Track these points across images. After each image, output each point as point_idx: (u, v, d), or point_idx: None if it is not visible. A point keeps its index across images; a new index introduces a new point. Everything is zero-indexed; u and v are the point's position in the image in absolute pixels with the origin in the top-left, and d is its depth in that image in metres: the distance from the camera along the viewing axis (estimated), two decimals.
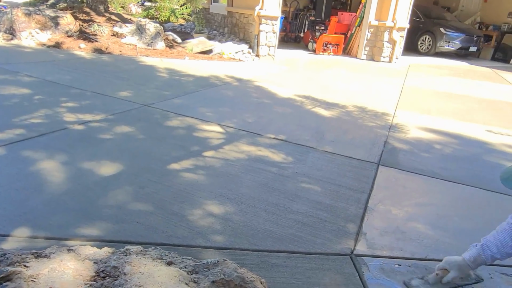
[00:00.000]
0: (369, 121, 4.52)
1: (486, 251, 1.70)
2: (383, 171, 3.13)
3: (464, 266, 1.76)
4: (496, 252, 1.67)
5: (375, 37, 9.78)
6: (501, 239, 1.67)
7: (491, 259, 1.71)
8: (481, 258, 1.72)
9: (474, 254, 1.74)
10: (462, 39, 11.43)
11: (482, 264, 1.75)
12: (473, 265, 1.75)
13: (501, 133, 4.55)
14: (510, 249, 1.64)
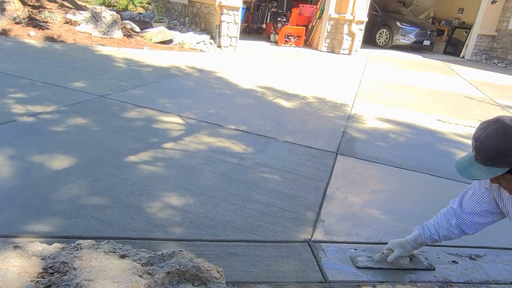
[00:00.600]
0: (328, 111, 4.63)
1: (425, 231, 1.82)
2: (341, 160, 3.22)
3: (406, 245, 1.88)
4: (434, 233, 1.79)
5: (335, 30, 9.97)
6: (438, 221, 1.79)
7: (430, 239, 1.82)
8: (421, 238, 1.84)
9: (415, 234, 1.86)
10: (417, 33, 11.91)
11: (422, 244, 1.86)
12: (414, 244, 1.87)
13: (450, 122, 4.81)
14: (446, 232, 1.75)
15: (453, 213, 1.74)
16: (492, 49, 12.46)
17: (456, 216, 1.72)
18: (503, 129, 1.26)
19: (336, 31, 9.96)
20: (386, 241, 2.17)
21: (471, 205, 1.68)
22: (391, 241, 1.96)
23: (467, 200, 1.70)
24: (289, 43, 10.10)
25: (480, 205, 1.66)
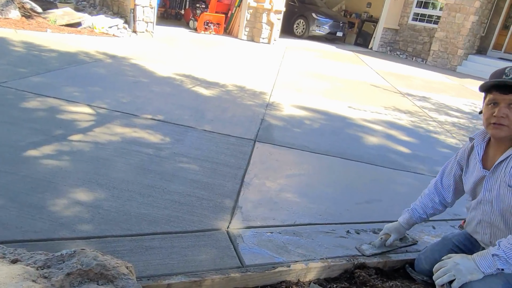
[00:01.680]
0: (248, 100, 4.68)
1: (415, 213, 2.02)
2: (259, 147, 3.29)
3: (400, 228, 2.07)
4: (422, 213, 2.01)
5: (255, 19, 10.07)
6: (424, 202, 2.01)
7: (419, 219, 2.03)
8: (412, 220, 2.04)
9: (406, 217, 2.05)
10: (331, 25, 12.57)
11: (414, 224, 2.07)
12: (407, 226, 2.07)
13: (359, 109, 5.19)
14: (431, 210, 2.00)
15: (436, 192, 1.98)
16: (395, 42, 13.68)
17: (439, 193, 1.97)
18: None
19: (255, 19, 10.07)
20: (300, 222, 2.29)
21: (447, 180, 1.94)
22: (386, 226, 2.12)
23: (446, 178, 1.96)
24: (209, 31, 9.97)
25: (452, 179, 1.92)
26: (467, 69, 11.33)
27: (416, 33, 13.11)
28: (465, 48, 11.48)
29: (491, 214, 1.68)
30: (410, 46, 13.26)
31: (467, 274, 1.50)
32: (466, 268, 1.51)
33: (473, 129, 5.11)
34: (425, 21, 12.89)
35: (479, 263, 1.49)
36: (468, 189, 1.82)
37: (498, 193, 1.61)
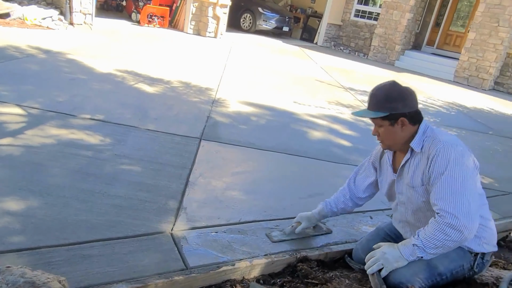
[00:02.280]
0: (193, 96, 4.62)
1: (327, 205, 2.13)
2: (205, 145, 3.27)
3: (311, 217, 2.17)
4: (334, 207, 2.12)
5: (200, 12, 9.92)
6: (337, 196, 2.12)
7: (331, 212, 2.14)
8: (324, 211, 2.14)
9: (319, 208, 2.15)
10: (277, 19, 12.71)
11: (325, 216, 2.18)
12: (319, 216, 2.16)
13: (304, 104, 5.33)
14: (342, 205, 2.11)
15: (348, 189, 2.10)
16: (339, 37, 14.16)
17: (350, 190, 2.09)
18: (393, 84, 1.67)
19: (201, 13, 9.92)
20: (246, 220, 2.32)
21: (360, 179, 2.07)
22: (299, 214, 2.20)
23: (359, 177, 2.08)
24: (153, 24, 9.66)
25: (366, 179, 2.05)
26: (404, 64, 12.03)
27: (358, 29, 13.66)
28: (402, 44, 12.17)
29: (406, 215, 1.85)
30: (353, 41, 13.81)
31: (394, 262, 1.63)
32: (392, 256, 1.64)
33: None
34: (366, 18, 13.47)
35: (402, 251, 1.63)
36: (384, 192, 1.97)
37: (407, 195, 1.77)
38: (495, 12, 10.28)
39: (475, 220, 1.51)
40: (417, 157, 1.69)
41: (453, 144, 1.58)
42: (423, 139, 1.66)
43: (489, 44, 10.46)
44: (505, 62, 10.88)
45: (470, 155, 1.60)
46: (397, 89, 1.64)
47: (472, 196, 1.53)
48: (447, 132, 1.75)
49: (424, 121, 1.72)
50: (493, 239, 1.78)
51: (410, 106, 1.64)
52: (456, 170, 1.52)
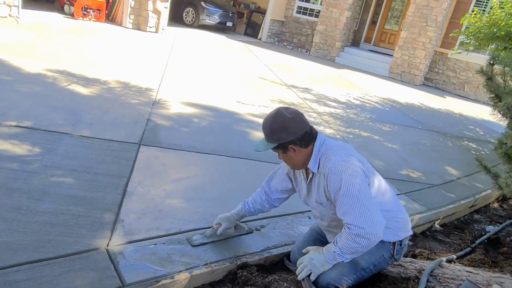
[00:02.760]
0: (132, 97, 4.46)
1: (245, 206, 2.20)
2: (144, 151, 3.19)
3: (231, 218, 2.22)
4: (251, 207, 2.19)
5: (140, 6, 9.54)
6: (255, 197, 2.20)
7: (248, 212, 2.21)
8: (242, 212, 2.20)
9: (237, 208, 2.22)
10: (220, 14, 12.60)
11: (244, 216, 2.23)
12: (237, 216, 2.22)
13: (247, 103, 5.37)
14: (258, 206, 2.19)
15: (263, 191, 2.18)
16: (282, 33, 14.39)
17: (266, 193, 2.17)
18: (275, 114, 1.74)
19: (140, 7, 9.55)
20: (187, 229, 2.31)
21: (275, 183, 2.15)
22: (219, 216, 2.25)
23: (274, 181, 2.17)
24: (88, 17, 9.13)
25: (280, 184, 2.14)
26: (344, 60, 12.53)
27: (300, 25, 13.97)
28: (341, 41, 12.65)
29: (324, 224, 2.00)
30: (296, 37, 14.10)
31: (320, 267, 1.77)
32: (318, 261, 1.78)
33: (347, 119, 5.72)
34: (308, 15, 13.80)
35: (327, 256, 1.77)
36: (303, 201, 2.08)
37: (318, 210, 1.92)
38: (423, 12, 11.03)
39: (378, 225, 1.66)
40: (317, 176, 1.82)
41: (342, 160, 1.71)
42: (319, 157, 1.79)
43: (419, 42, 11.22)
44: (433, 59, 11.74)
45: (360, 167, 1.73)
46: (278, 119, 1.73)
47: (370, 203, 1.68)
48: (339, 145, 1.86)
49: (319, 138, 1.83)
50: (406, 225, 1.96)
51: (295, 133, 1.74)
52: (350, 185, 1.66)
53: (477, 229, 3.64)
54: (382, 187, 1.87)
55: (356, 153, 1.86)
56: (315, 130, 1.84)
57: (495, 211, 4.12)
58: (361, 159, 1.82)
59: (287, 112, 1.75)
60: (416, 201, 3.51)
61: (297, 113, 1.78)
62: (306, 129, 1.77)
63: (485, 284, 2.09)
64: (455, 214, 3.73)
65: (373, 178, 1.80)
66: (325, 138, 1.85)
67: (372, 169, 1.87)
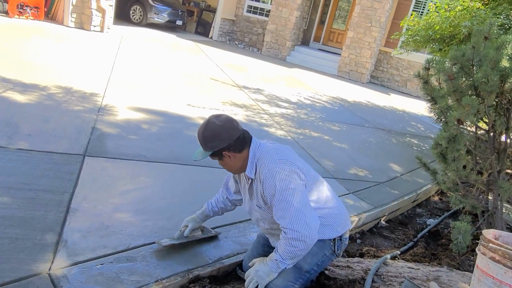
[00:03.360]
0: (76, 104, 4.24)
1: (209, 205, 2.24)
2: (90, 163, 3.05)
3: (196, 218, 2.25)
4: (215, 206, 2.23)
5: (82, 4, 9.07)
6: (218, 197, 2.24)
7: (212, 212, 2.25)
8: (206, 211, 2.24)
9: (202, 208, 2.26)
10: (169, 13, 12.32)
11: (208, 216, 2.27)
12: (202, 216, 2.26)
13: (198, 106, 5.31)
14: (222, 204, 2.24)
15: (223, 192, 2.23)
16: (233, 32, 14.36)
17: (228, 193, 2.22)
18: (206, 124, 1.81)
19: (83, 5, 9.08)
20: (135, 245, 2.25)
21: (231, 185, 2.21)
22: (185, 219, 2.28)
23: (230, 184, 2.23)
24: (25, 15, 8.53)
25: (234, 186, 2.19)
26: (295, 59, 12.77)
27: (251, 24, 14.02)
28: (292, 40, 12.88)
29: (266, 227, 2.02)
30: (247, 36, 14.14)
31: (266, 277, 1.82)
32: (264, 272, 1.82)
33: (298, 119, 5.85)
34: (258, 14, 13.89)
35: (270, 266, 1.82)
36: (247, 210, 2.11)
37: (259, 213, 1.96)
38: (368, 13, 11.51)
39: (313, 227, 1.72)
40: (255, 181, 1.86)
41: (277, 166, 1.76)
42: (255, 162, 1.83)
43: (364, 42, 11.71)
44: (378, 58, 12.31)
45: (294, 170, 1.79)
46: (210, 128, 1.78)
47: (305, 206, 1.74)
48: (275, 148, 1.89)
49: (254, 142, 1.87)
50: (344, 220, 2.03)
51: (227, 139, 1.77)
52: (283, 190, 1.72)
53: (419, 222, 3.88)
54: (318, 185, 1.93)
55: (292, 155, 1.91)
56: (249, 135, 1.88)
57: (435, 204, 4.42)
58: (296, 160, 1.87)
59: (218, 120, 1.78)
60: (363, 199, 3.67)
61: (228, 119, 1.81)
62: (238, 134, 1.79)
63: (424, 279, 2.24)
64: (399, 209, 3.95)
65: (308, 178, 1.85)
66: (260, 142, 1.89)
67: (308, 168, 1.92)
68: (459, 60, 2.98)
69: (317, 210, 1.83)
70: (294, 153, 1.98)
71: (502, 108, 3.02)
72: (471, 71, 2.93)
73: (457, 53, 2.98)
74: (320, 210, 1.85)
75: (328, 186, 2.03)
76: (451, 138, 2.80)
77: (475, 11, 5.00)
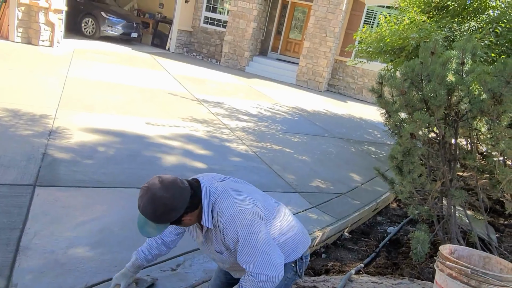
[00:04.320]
0: (24, 128, 3.99)
1: (140, 255, 2.01)
2: (41, 193, 2.87)
3: (127, 273, 2.01)
4: (148, 254, 2.00)
5: (29, 18, 8.63)
6: (149, 243, 2.02)
7: (145, 260, 2.01)
8: (138, 262, 2.00)
9: (132, 260, 2.01)
10: (124, 25, 12.02)
11: (141, 266, 2.03)
12: (134, 269, 2.02)
13: (157, 124, 5.18)
14: (156, 250, 2.02)
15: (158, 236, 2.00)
16: (191, 43, 14.25)
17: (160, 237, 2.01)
18: (152, 198, 1.53)
19: (30, 19, 8.64)
20: (94, 282, 2.13)
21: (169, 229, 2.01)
22: (114, 276, 2.01)
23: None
24: None
25: (173, 229, 2.01)
26: (253, 69, 12.88)
27: (208, 35, 13.99)
28: (250, 51, 12.98)
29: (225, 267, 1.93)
30: (205, 47, 14.08)
31: None
32: None
33: (259, 133, 5.87)
34: (215, 25, 13.89)
35: None
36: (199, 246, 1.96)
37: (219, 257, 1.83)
38: (322, 24, 11.86)
39: (279, 265, 1.67)
40: (214, 229, 1.73)
41: (235, 211, 1.65)
42: (210, 209, 1.69)
43: (320, 51, 12.03)
44: (334, 67, 12.69)
45: (254, 211, 1.69)
46: (159, 204, 1.53)
47: (269, 246, 1.67)
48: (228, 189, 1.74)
49: (203, 188, 1.69)
50: (304, 240, 1.96)
51: (183, 206, 1.58)
52: (247, 235, 1.63)
53: (380, 231, 4.00)
54: (279, 215, 1.86)
55: (245, 189, 1.80)
56: (196, 183, 1.69)
57: (394, 211, 4.58)
58: (251, 194, 1.77)
59: (163, 189, 1.54)
60: (326, 212, 3.73)
61: (173, 184, 1.58)
62: (189, 193, 1.61)
63: None
64: (361, 219, 4.06)
65: (268, 213, 1.78)
66: (208, 184, 1.72)
67: (265, 199, 1.85)
68: (409, 76, 3.11)
69: (280, 236, 1.80)
70: (245, 186, 1.86)
71: (451, 120, 3.18)
72: (420, 85, 3.07)
73: (407, 69, 3.12)
74: (282, 237, 1.82)
75: (286, 210, 1.99)
76: (406, 151, 2.92)
77: (421, 24, 5.28)
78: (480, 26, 5.29)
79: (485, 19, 5.36)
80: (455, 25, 5.31)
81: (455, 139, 3.19)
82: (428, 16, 5.84)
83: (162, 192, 1.52)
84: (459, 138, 3.27)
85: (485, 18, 5.34)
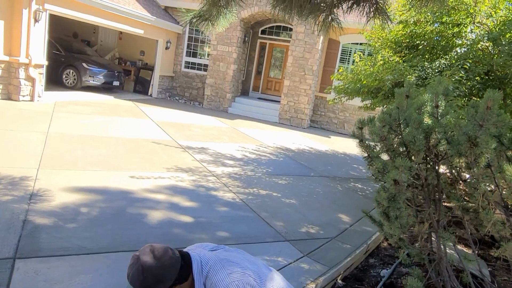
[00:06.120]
0: (3, 194, 3.89)
1: None
2: (21, 267, 2.74)
3: None
4: None
5: (9, 74, 8.66)
6: None
7: None
8: None
9: None
10: (105, 75, 12.14)
11: None
12: None
13: (142, 177, 5.12)
14: None
15: None
16: (173, 88, 14.45)
17: None
18: (142, 269, 1.52)
19: (10, 75, 8.66)
20: None
21: None
22: None
23: None
24: None
25: None
26: (236, 110, 13.06)
27: (190, 79, 14.24)
28: (231, 92, 13.21)
29: None
30: (187, 91, 14.28)
31: None
32: None
33: (245, 178, 5.85)
34: (196, 69, 14.19)
35: None
36: None
37: None
38: (300, 63, 12.24)
39: None
40: None
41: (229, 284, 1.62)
42: (203, 282, 1.66)
43: (300, 89, 12.33)
44: (315, 103, 12.98)
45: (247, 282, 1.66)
46: (148, 274, 1.52)
47: None
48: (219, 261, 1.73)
49: (194, 260, 1.69)
50: None
51: (172, 277, 1.57)
52: None
53: (373, 275, 3.93)
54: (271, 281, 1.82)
55: (237, 258, 1.77)
56: (187, 255, 1.69)
57: (386, 251, 4.54)
58: (242, 263, 1.75)
59: (154, 260, 1.54)
60: (318, 261, 3.67)
61: (163, 253, 1.59)
62: (179, 264, 1.61)
63: None
64: (353, 264, 4.00)
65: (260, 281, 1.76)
66: (199, 256, 1.71)
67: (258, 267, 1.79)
68: (387, 122, 3.19)
69: None
70: (238, 255, 1.84)
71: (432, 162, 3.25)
72: (399, 129, 3.15)
73: (384, 115, 3.20)
74: None
75: (278, 276, 1.96)
76: (391, 197, 2.94)
77: (394, 65, 5.50)
78: (449, 63, 5.54)
79: (453, 56, 5.62)
80: (426, 63, 5.55)
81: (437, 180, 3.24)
82: (400, 55, 6.10)
83: (152, 262, 1.53)
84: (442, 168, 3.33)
85: (453, 55, 5.60)
